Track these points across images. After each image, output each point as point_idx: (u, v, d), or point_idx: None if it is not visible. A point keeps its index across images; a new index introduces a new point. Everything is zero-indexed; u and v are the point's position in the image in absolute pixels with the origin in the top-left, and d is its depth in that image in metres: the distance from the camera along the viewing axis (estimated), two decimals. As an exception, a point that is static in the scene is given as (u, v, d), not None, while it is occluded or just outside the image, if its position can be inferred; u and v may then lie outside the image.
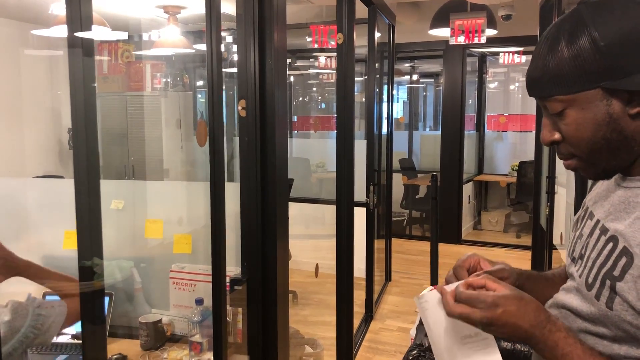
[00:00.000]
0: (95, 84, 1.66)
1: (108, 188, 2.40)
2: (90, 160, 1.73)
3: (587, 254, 0.90)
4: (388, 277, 5.01)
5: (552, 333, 0.82)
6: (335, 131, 3.34)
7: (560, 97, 0.85)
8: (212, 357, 1.73)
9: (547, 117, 0.90)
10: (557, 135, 0.89)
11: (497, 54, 6.63)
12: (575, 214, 1.08)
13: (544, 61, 0.86)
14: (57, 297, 1.58)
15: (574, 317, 0.90)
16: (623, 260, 0.80)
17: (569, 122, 0.86)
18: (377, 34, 4.40)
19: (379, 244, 4.74)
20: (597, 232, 0.89)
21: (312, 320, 3.99)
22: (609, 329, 0.83)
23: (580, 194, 2.98)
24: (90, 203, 1.72)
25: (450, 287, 0.89)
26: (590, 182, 1.05)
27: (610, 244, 0.84)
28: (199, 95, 5.54)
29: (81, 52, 1.69)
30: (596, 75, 0.81)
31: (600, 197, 0.94)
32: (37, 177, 3.78)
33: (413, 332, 2.71)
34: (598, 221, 0.91)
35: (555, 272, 1.10)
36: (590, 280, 0.86)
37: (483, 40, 4.24)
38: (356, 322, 3.63)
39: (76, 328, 1.91)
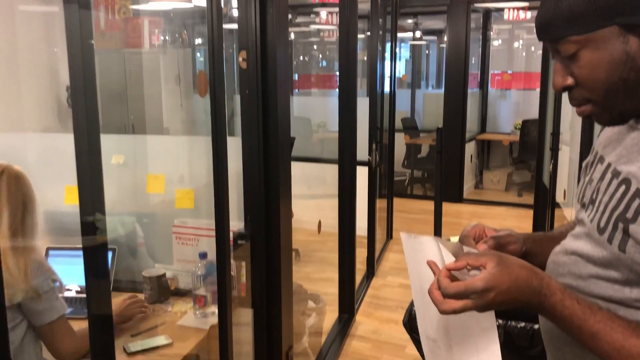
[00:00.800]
0: (93, 41, 1.63)
1: (108, 143, 2.37)
2: (89, 115, 1.70)
3: (598, 198, 0.88)
4: (389, 235, 5.04)
5: (547, 298, 0.81)
6: (337, 90, 3.29)
7: (574, 38, 0.82)
8: (217, 311, 1.75)
9: (559, 61, 0.87)
10: (570, 80, 0.86)
11: (502, 9, 6.48)
12: (580, 169, 1.06)
13: (556, 2, 0.82)
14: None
15: (584, 263, 0.89)
16: (636, 202, 0.79)
17: (583, 64, 0.83)
18: (380, -12, 4.29)
19: (381, 203, 4.74)
20: (608, 175, 0.87)
21: (314, 277, 4.03)
22: (620, 272, 0.83)
23: (587, 146, 2.95)
24: (90, 159, 1.70)
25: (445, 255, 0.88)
26: (599, 129, 1.03)
27: (623, 187, 0.82)
28: (198, 54, 5.45)
29: (77, 6, 1.64)
30: (612, 11, 0.78)
31: (612, 141, 0.92)
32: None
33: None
34: (609, 165, 0.89)
35: (563, 230, 1.08)
36: (602, 224, 0.84)
37: (488, -6, 4.13)
38: (358, 278, 3.67)
39: (80, 282, 1.92)
